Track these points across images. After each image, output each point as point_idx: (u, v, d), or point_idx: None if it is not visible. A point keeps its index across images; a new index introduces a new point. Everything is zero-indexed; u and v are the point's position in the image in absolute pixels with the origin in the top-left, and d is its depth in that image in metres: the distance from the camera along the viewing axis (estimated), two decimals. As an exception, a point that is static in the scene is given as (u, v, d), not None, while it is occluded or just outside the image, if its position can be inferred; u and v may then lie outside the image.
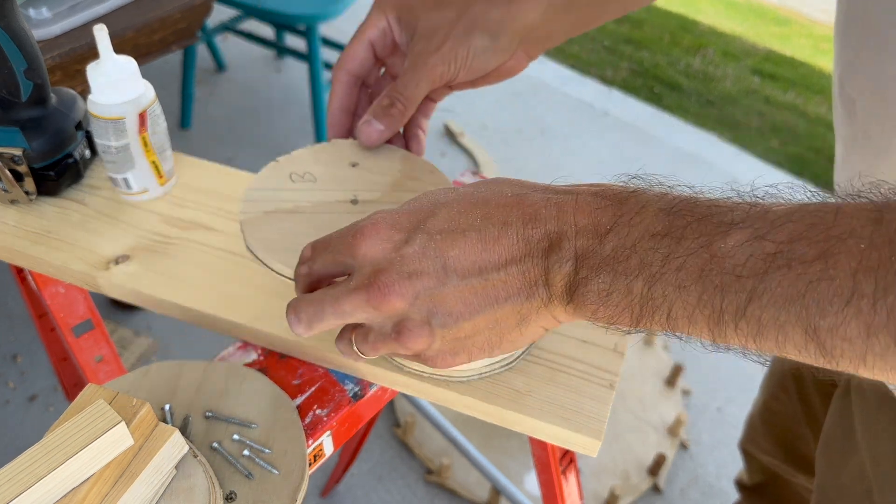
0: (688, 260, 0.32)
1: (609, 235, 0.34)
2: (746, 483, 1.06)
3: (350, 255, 0.38)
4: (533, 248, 0.36)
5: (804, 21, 3.29)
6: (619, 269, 0.34)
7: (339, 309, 0.38)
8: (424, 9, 0.53)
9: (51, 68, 0.99)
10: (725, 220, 0.32)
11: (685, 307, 0.32)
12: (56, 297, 0.72)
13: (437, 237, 0.36)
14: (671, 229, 0.33)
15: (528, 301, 0.37)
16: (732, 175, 2.23)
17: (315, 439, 0.52)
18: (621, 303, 0.34)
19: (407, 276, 0.36)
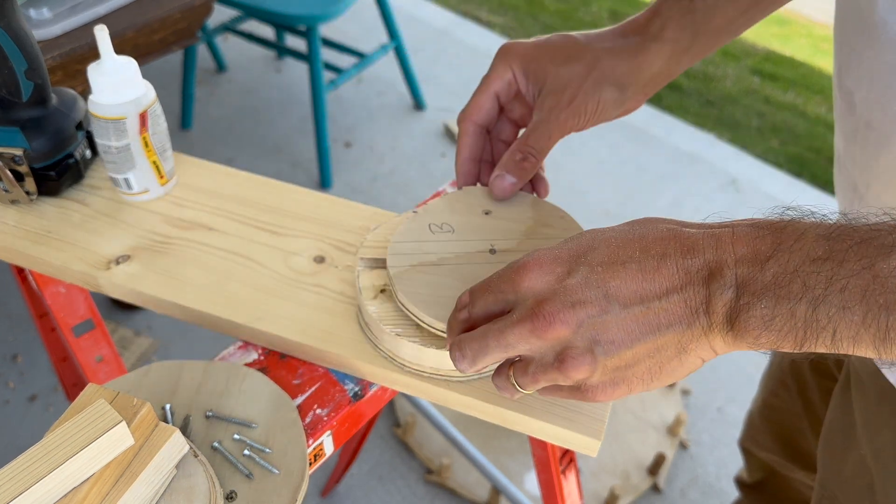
0: (851, 281, 0.33)
1: (769, 262, 0.35)
2: (746, 481, 1.06)
3: (512, 290, 0.40)
4: (693, 276, 0.37)
5: (804, 21, 3.29)
6: (782, 293, 0.34)
7: (503, 341, 0.39)
8: (553, 63, 0.54)
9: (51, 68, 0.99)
10: (886, 243, 0.33)
11: (850, 327, 0.33)
12: (57, 296, 0.72)
13: (598, 269, 0.38)
14: (832, 253, 0.34)
15: (689, 329, 0.37)
16: (732, 175, 2.23)
17: (315, 439, 0.52)
18: (784, 327, 0.35)
19: (570, 304, 0.37)
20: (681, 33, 0.55)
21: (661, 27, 0.55)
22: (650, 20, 0.56)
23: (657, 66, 0.56)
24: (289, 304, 0.58)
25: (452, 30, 2.79)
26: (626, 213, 2.04)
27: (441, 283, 0.51)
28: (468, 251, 0.53)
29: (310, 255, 0.63)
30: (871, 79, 0.49)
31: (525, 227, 0.55)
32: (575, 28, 2.92)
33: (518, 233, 0.55)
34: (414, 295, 0.50)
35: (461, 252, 0.53)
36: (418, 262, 0.52)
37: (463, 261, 0.52)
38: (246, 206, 0.68)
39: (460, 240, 0.54)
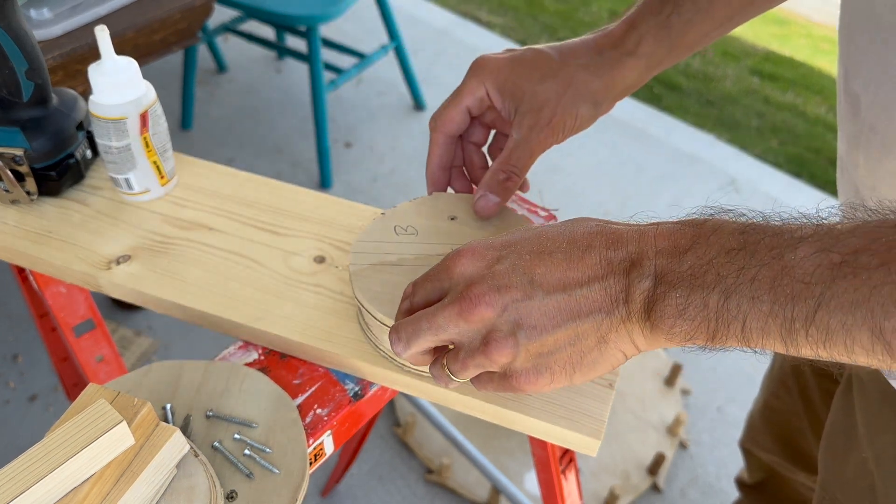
0: (760, 271, 0.34)
1: (687, 254, 0.37)
2: (747, 481, 1.06)
3: (448, 276, 0.41)
4: (615, 267, 0.38)
5: (803, 21, 3.29)
6: (696, 283, 0.36)
7: (434, 323, 0.41)
8: (529, 81, 0.55)
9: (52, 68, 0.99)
10: (795, 236, 0.35)
11: (758, 317, 0.34)
12: (57, 296, 0.72)
13: (525, 257, 0.40)
14: (745, 245, 0.35)
15: (608, 317, 0.38)
16: (731, 175, 2.23)
17: (315, 439, 0.52)
18: (697, 317, 0.36)
19: (496, 288, 0.39)
20: (656, 48, 0.56)
21: (637, 42, 0.56)
22: (626, 34, 0.56)
23: (631, 80, 0.57)
24: (289, 304, 0.58)
25: (452, 30, 2.79)
26: (625, 214, 2.04)
27: (397, 283, 0.52)
28: (428, 254, 0.55)
29: (310, 255, 0.63)
30: (878, 83, 0.49)
31: (488, 233, 0.57)
32: (575, 29, 2.93)
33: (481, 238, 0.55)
34: (368, 292, 0.51)
35: (421, 254, 0.55)
36: (378, 261, 0.54)
37: (422, 262, 0.54)
38: (246, 206, 0.68)
39: (422, 242, 0.56)
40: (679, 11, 0.55)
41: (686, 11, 0.55)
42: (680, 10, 0.56)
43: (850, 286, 0.32)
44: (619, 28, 0.57)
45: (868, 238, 0.33)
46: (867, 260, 0.32)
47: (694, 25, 0.56)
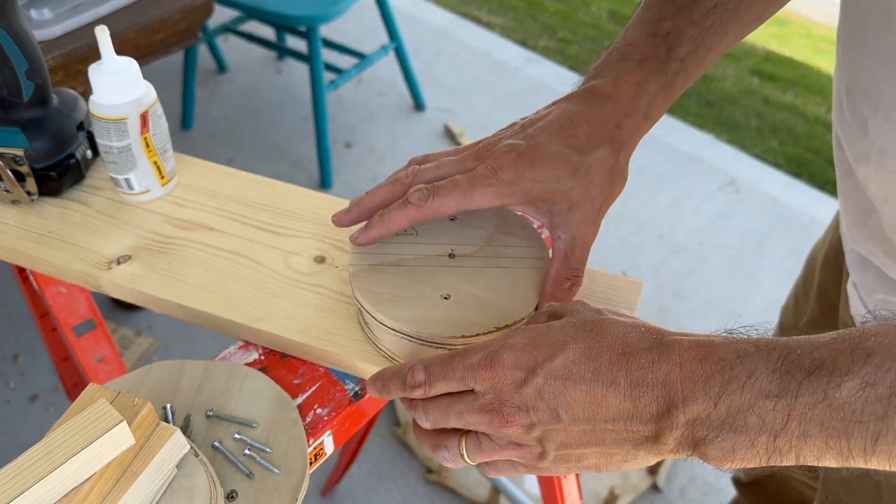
0: (807, 413, 0.34)
1: (722, 399, 0.36)
2: (743, 479, 1.06)
3: (473, 379, 0.42)
4: (641, 410, 0.38)
5: (803, 21, 3.29)
6: (738, 426, 0.36)
7: (463, 420, 0.42)
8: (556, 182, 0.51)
9: (52, 69, 0.99)
10: (835, 374, 0.34)
11: (812, 451, 0.35)
12: (57, 296, 0.72)
13: (551, 382, 0.40)
14: (786, 391, 0.35)
15: (635, 448, 0.40)
16: (731, 175, 2.23)
17: (316, 438, 0.52)
18: (748, 455, 0.36)
19: (525, 410, 0.40)
20: (662, 107, 0.55)
21: (648, 105, 0.54)
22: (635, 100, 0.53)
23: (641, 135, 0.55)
24: (289, 304, 0.58)
25: (452, 30, 2.79)
26: (625, 214, 2.04)
27: (397, 283, 0.52)
28: (428, 254, 0.55)
29: (310, 255, 0.63)
30: (888, 109, 0.49)
31: (487, 233, 0.57)
32: (575, 29, 2.93)
33: (479, 239, 0.56)
34: (368, 292, 0.52)
35: (421, 254, 0.55)
36: (378, 261, 0.54)
37: (421, 263, 0.54)
38: (246, 206, 0.68)
39: (422, 242, 0.56)
40: (684, 69, 0.54)
41: (689, 66, 0.55)
42: (685, 67, 0.54)
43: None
44: (627, 92, 0.53)
45: None
46: None
47: (690, 78, 0.56)
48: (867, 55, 0.51)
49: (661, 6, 0.55)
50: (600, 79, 0.54)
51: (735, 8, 0.55)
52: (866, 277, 0.60)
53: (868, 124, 0.52)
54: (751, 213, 2.10)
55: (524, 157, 0.51)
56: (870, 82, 0.51)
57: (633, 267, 1.89)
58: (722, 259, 1.94)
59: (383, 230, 0.53)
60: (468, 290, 0.53)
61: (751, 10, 0.57)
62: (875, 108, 0.51)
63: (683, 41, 0.54)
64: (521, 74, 2.58)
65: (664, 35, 0.54)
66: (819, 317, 0.82)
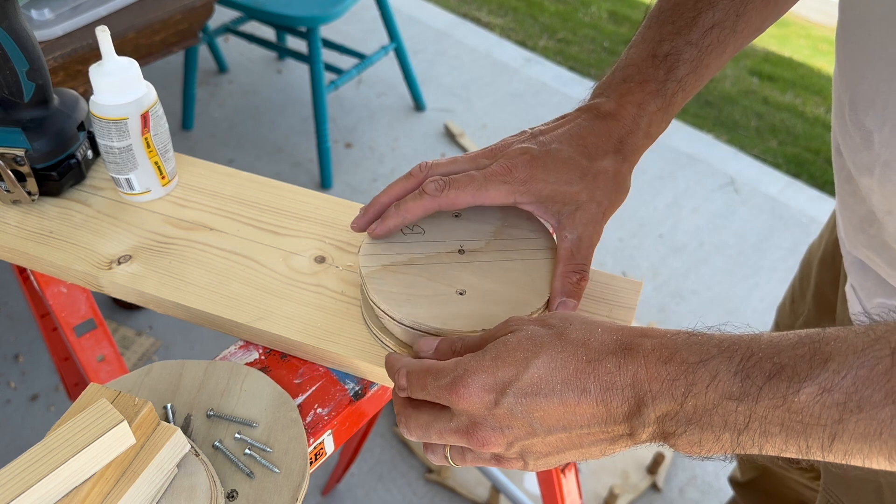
0: (768, 415, 0.36)
1: (688, 399, 0.38)
2: (739, 479, 1.06)
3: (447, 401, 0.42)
4: (613, 412, 0.40)
5: (802, 22, 3.29)
6: (704, 423, 0.38)
7: (443, 439, 0.44)
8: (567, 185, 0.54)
9: (53, 69, 0.99)
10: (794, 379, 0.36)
11: (774, 447, 0.37)
12: (58, 296, 0.72)
13: (522, 400, 0.40)
14: (747, 394, 0.36)
15: (612, 445, 0.41)
16: (731, 175, 2.23)
17: (316, 438, 0.52)
18: (714, 447, 0.38)
19: (500, 429, 0.41)
20: (662, 125, 0.58)
21: (648, 124, 0.57)
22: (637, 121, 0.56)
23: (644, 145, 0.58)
24: (289, 304, 0.58)
25: (452, 31, 2.80)
26: (624, 214, 2.05)
27: (411, 282, 0.53)
28: (438, 251, 0.55)
29: (310, 255, 0.63)
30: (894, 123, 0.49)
31: (493, 228, 0.58)
32: (575, 30, 2.93)
33: (486, 233, 0.57)
34: (385, 293, 0.52)
35: (431, 252, 0.55)
36: (390, 262, 0.54)
37: (433, 261, 0.55)
38: (247, 206, 0.68)
39: (430, 241, 0.56)
40: (683, 88, 0.57)
41: (687, 85, 0.57)
42: (683, 86, 0.57)
43: (860, 422, 0.34)
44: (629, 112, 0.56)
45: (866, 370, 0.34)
46: (869, 394, 0.34)
47: (689, 95, 0.58)
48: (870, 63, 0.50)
49: (661, 26, 0.58)
50: (604, 98, 0.57)
51: (732, 25, 0.57)
52: (866, 282, 0.60)
53: (873, 137, 0.51)
54: (750, 213, 2.10)
55: (538, 160, 0.54)
56: (875, 94, 0.50)
57: (633, 267, 1.89)
58: (721, 259, 1.94)
59: (399, 220, 0.55)
60: (482, 285, 0.53)
61: (750, 23, 0.58)
62: (881, 122, 0.50)
63: (681, 62, 0.56)
64: (521, 75, 2.58)
65: (663, 57, 0.57)
66: (815, 317, 0.82)
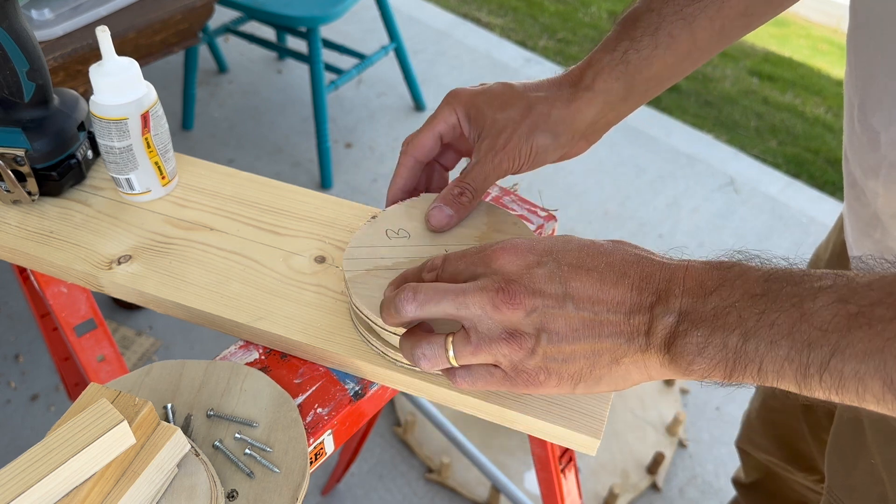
0: (780, 317, 0.36)
1: (712, 296, 0.38)
2: (743, 481, 1.06)
3: (484, 264, 0.43)
4: (643, 301, 0.40)
5: (802, 22, 3.29)
6: (718, 324, 0.37)
7: (460, 300, 0.41)
8: (491, 109, 0.57)
9: (53, 69, 0.99)
10: (815, 286, 0.36)
11: (775, 361, 0.36)
12: (58, 296, 0.72)
13: (564, 267, 0.41)
14: (768, 291, 0.37)
15: (627, 343, 0.40)
16: (730, 175, 2.23)
17: (316, 438, 0.52)
18: (716, 356, 0.37)
19: (532, 291, 0.40)
20: (613, 84, 0.57)
21: (593, 78, 0.57)
22: (584, 71, 0.58)
23: (590, 115, 0.58)
24: (290, 304, 0.58)
25: (452, 31, 2.80)
26: (624, 214, 2.05)
27: None
28: (422, 256, 0.55)
29: (310, 255, 0.63)
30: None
31: (479, 232, 0.57)
32: (575, 29, 2.93)
33: (472, 238, 0.57)
34: (368, 298, 0.52)
35: (415, 257, 0.55)
36: (373, 266, 0.54)
37: (417, 265, 0.54)
38: (247, 206, 0.68)
39: (415, 245, 0.56)
40: (637, 48, 0.57)
41: (644, 48, 0.57)
42: (637, 47, 0.57)
43: (865, 336, 0.33)
44: (579, 66, 0.59)
45: (885, 291, 0.34)
46: (882, 312, 0.33)
47: (655, 59, 0.57)
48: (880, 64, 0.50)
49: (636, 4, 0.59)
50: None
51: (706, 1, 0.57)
52: None
53: (880, 138, 0.51)
54: (750, 213, 2.10)
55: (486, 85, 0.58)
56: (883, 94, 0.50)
57: (633, 267, 1.89)
58: (722, 259, 1.94)
59: None
60: None
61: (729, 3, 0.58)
62: (888, 122, 0.50)
63: (639, 25, 0.57)
64: (521, 75, 2.58)
65: (624, 20, 0.58)
66: None
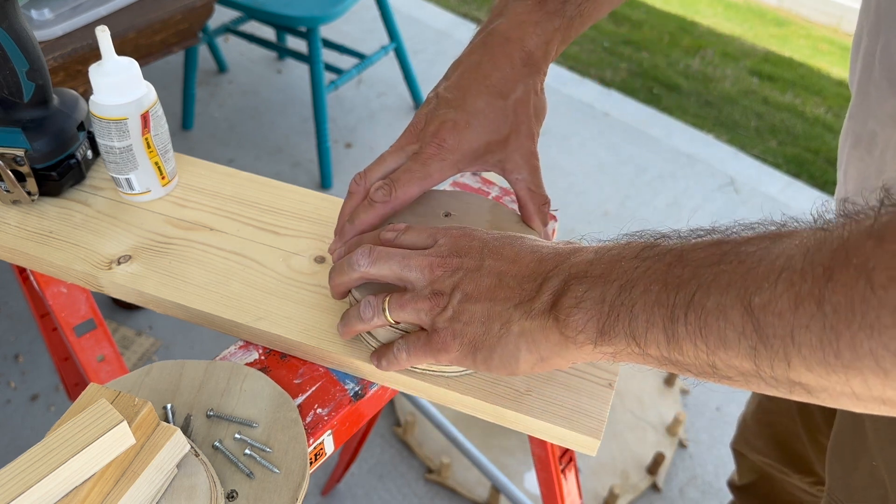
0: (658, 265, 0.38)
1: (602, 259, 0.41)
2: (737, 483, 1.06)
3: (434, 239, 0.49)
4: (538, 271, 0.44)
5: (802, 22, 3.29)
6: (600, 280, 0.40)
7: (407, 261, 0.47)
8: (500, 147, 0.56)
9: (53, 69, 0.99)
10: (696, 237, 0.38)
11: (645, 307, 0.37)
12: (58, 296, 0.72)
13: (490, 244, 0.47)
14: (654, 246, 0.39)
15: (515, 309, 0.44)
16: (730, 175, 2.23)
17: (316, 438, 0.52)
18: (592, 308, 0.40)
19: (458, 254, 0.47)
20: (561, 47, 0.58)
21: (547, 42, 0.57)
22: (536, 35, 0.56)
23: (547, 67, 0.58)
24: (289, 304, 0.58)
25: (452, 31, 2.79)
26: (624, 214, 2.05)
27: None
28: None
29: (310, 255, 0.63)
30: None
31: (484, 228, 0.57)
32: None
33: None
34: (368, 291, 0.52)
35: None
36: None
37: None
38: (247, 206, 0.68)
39: None
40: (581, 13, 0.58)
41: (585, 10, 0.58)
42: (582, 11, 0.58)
43: (730, 268, 0.34)
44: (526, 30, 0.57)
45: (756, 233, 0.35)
46: (752, 248, 0.34)
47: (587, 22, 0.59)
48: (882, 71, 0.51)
49: None
50: (499, 20, 0.57)
51: None
52: None
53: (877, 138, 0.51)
54: (750, 213, 2.10)
55: (459, 123, 0.54)
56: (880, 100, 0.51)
57: (633, 267, 1.89)
58: (722, 259, 1.94)
59: (355, 233, 0.55)
60: None
61: None
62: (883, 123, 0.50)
63: None
64: (521, 75, 2.58)
65: None
66: None
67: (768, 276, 0.33)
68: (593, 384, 0.53)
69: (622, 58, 2.80)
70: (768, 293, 0.32)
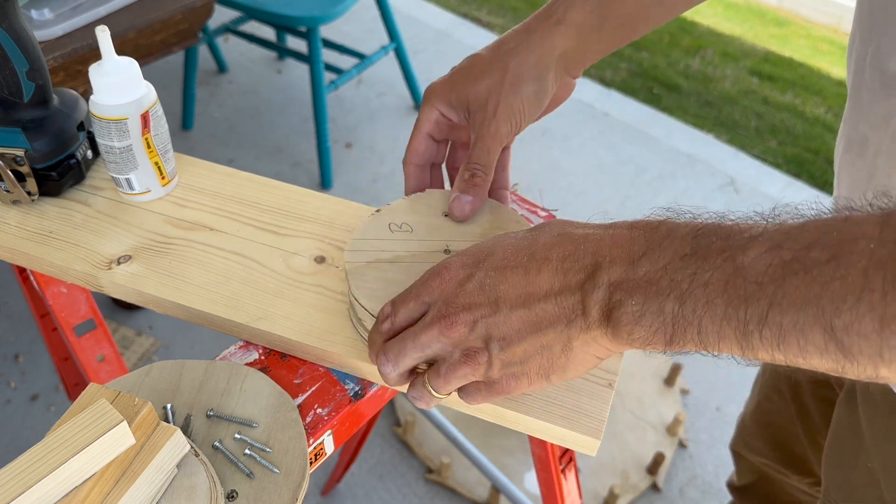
0: (713, 275, 0.34)
1: (641, 261, 0.37)
2: (736, 484, 1.06)
3: (428, 294, 0.44)
4: (569, 281, 0.40)
5: (802, 22, 3.29)
6: (651, 290, 0.36)
7: (418, 342, 0.43)
8: (468, 84, 0.56)
9: (53, 69, 0.99)
10: (745, 236, 0.34)
11: (713, 321, 0.35)
12: (58, 296, 0.72)
13: (491, 273, 0.42)
14: (697, 249, 0.36)
15: (568, 328, 0.40)
16: (731, 175, 2.23)
17: (316, 438, 0.52)
18: (654, 323, 0.36)
19: (466, 307, 0.42)
20: (587, 16, 0.56)
21: (565, 11, 0.56)
22: (553, 6, 0.57)
23: (566, 46, 0.57)
24: (289, 304, 0.58)
25: (452, 31, 2.79)
26: (625, 214, 2.05)
27: (394, 280, 0.53)
28: (423, 250, 0.55)
29: (310, 255, 0.63)
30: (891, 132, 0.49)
31: (481, 229, 0.57)
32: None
33: (474, 234, 0.57)
34: (366, 290, 0.52)
35: (417, 251, 0.55)
36: (374, 258, 0.54)
37: (417, 259, 0.54)
38: (247, 206, 0.68)
39: (417, 239, 0.56)
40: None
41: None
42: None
43: (801, 283, 0.32)
44: (547, 5, 0.58)
45: (819, 232, 0.32)
46: (818, 255, 0.32)
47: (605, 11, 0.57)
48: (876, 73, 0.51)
49: None
50: None
51: None
52: None
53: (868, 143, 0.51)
54: (750, 213, 2.10)
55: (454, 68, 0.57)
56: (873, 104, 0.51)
57: (633, 267, 1.89)
58: (722, 259, 1.94)
59: None
60: None
61: None
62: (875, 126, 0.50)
63: None
64: (521, 74, 2.58)
65: None
66: None
67: (845, 297, 0.31)
68: (593, 384, 0.53)
69: (622, 58, 2.80)
70: (849, 315, 0.31)
